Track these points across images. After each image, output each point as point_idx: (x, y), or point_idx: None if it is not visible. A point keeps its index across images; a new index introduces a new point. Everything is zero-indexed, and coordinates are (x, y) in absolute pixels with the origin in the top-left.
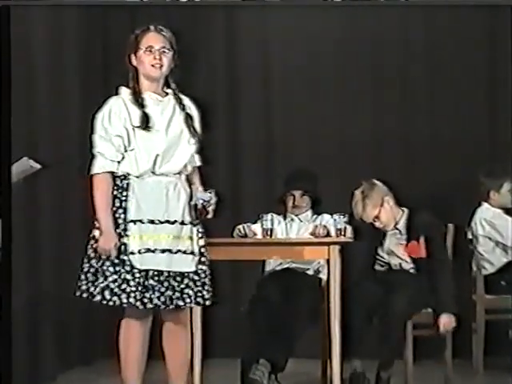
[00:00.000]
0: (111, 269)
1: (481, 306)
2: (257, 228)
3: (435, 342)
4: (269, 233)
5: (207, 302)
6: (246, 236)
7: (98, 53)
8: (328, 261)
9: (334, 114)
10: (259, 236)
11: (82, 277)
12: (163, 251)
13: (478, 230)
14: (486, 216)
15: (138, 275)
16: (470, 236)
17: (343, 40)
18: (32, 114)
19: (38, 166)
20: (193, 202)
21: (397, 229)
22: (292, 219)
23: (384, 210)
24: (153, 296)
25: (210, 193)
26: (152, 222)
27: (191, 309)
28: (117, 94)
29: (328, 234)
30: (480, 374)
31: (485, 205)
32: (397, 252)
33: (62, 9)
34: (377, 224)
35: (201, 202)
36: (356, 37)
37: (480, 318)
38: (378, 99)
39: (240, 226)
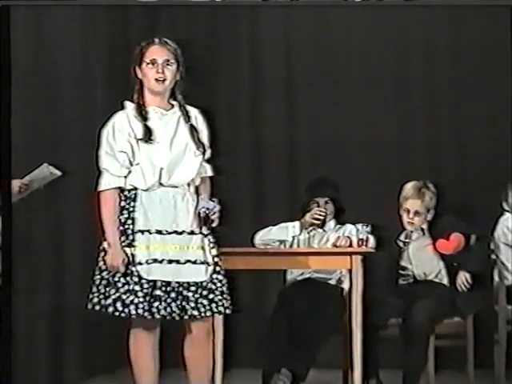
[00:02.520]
0: (122, 279)
1: (503, 317)
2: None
3: (457, 352)
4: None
5: (227, 311)
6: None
7: (118, 54)
8: (350, 271)
9: (359, 120)
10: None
11: (94, 289)
12: (170, 262)
13: (501, 239)
14: (509, 224)
15: (145, 286)
16: (492, 246)
17: (368, 41)
18: (53, 120)
19: (59, 173)
20: (196, 211)
21: (422, 229)
22: (314, 229)
23: (424, 216)
24: (160, 307)
25: (214, 201)
26: (160, 232)
27: (213, 318)
28: (122, 108)
29: (351, 245)
30: None
31: (507, 214)
32: (423, 256)
33: (86, 9)
34: (409, 216)
35: (203, 210)
36: (381, 38)
37: (502, 329)
38: (403, 105)
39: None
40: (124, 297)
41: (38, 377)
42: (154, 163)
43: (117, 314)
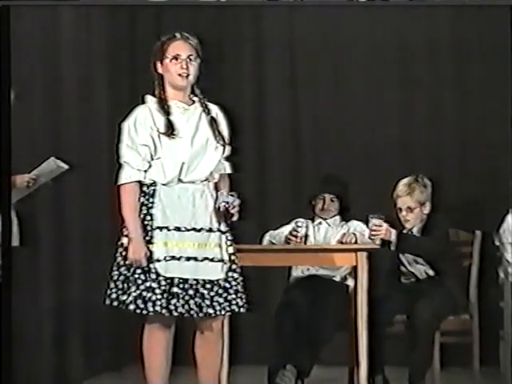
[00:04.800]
0: (142, 277)
1: (508, 313)
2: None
3: (463, 349)
4: (303, 239)
5: (242, 310)
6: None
7: (124, 53)
8: (355, 267)
9: (362, 117)
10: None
11: (112, 285)
12: (188, 259)
13: (506, 237)
14: (509, 222)
15: (163, 283)
16: (497, 243)
17: (371, 40)
18: (59, 115)
19: (66, 167)
20: (216, 205)
21: (411, 231)
22: (320, 222)
23: (419, 210)
24: (178, 304)
25: (233, 195)
26: (178, 229)
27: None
28: (143, 102)
29: (356, 242)
30: (508, 381)
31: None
32: (416, 258)
33: (90, 9)
34: (403, 214)
35: (223, 204)
36: (384, 37)
37: (507, 325)
38: (406, 102)
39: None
40: (144, 294)
41: (44, 374)
42: (175, 158)
43: (138, 311)
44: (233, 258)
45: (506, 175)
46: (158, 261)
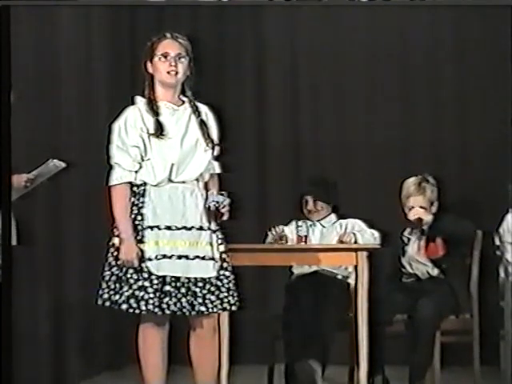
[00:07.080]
0: (135, 276)
1: (508, 313)
2: (288, 232)
3: (463, 348)
4: (304, 239)
5: (233, 308)
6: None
7: (124, 54)
8: (356, 267)
9: (362, 118)
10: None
11: (104, 285)
12: (180, 257)
13: (506, 237)
14: (509, 222)
15: (155, 281)
16: (497, 242)
17: (372, 40)
18: (58, 115)
19: (63, 165)
20: (206, 205)
21: (422, 230)
22: (314, 224)
23: (429, 210)
24: (170, 302)
25: (223, 195)
26: (169, 228)
27: (218, 314)
28: (133, 103)
29: (356, 242)
30: (508, 380)
31: (510, 211)
32: (420, 258)
33: (90, 9)
34: (413, 213)
35: (213, 204)
36: (384, 38)
37: (508, 325)
38: (406, 102)
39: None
40: (137, 293)
41: (43, 374)
42: (165, 159)
43: (131, 310)
44: (224, 256)
45: (506, 175)
46: (150, 260)
